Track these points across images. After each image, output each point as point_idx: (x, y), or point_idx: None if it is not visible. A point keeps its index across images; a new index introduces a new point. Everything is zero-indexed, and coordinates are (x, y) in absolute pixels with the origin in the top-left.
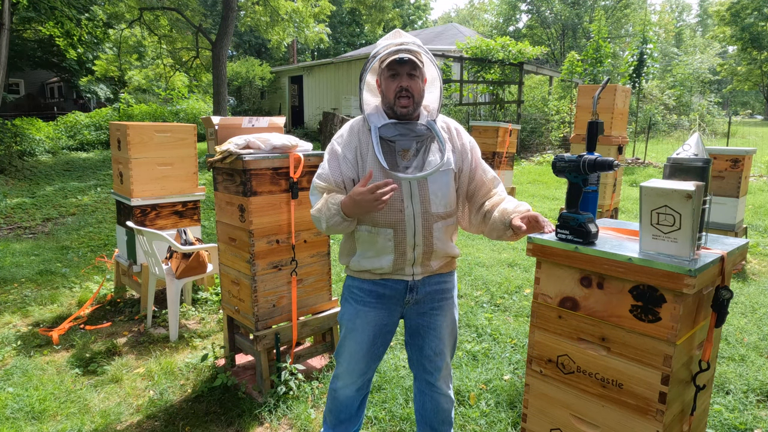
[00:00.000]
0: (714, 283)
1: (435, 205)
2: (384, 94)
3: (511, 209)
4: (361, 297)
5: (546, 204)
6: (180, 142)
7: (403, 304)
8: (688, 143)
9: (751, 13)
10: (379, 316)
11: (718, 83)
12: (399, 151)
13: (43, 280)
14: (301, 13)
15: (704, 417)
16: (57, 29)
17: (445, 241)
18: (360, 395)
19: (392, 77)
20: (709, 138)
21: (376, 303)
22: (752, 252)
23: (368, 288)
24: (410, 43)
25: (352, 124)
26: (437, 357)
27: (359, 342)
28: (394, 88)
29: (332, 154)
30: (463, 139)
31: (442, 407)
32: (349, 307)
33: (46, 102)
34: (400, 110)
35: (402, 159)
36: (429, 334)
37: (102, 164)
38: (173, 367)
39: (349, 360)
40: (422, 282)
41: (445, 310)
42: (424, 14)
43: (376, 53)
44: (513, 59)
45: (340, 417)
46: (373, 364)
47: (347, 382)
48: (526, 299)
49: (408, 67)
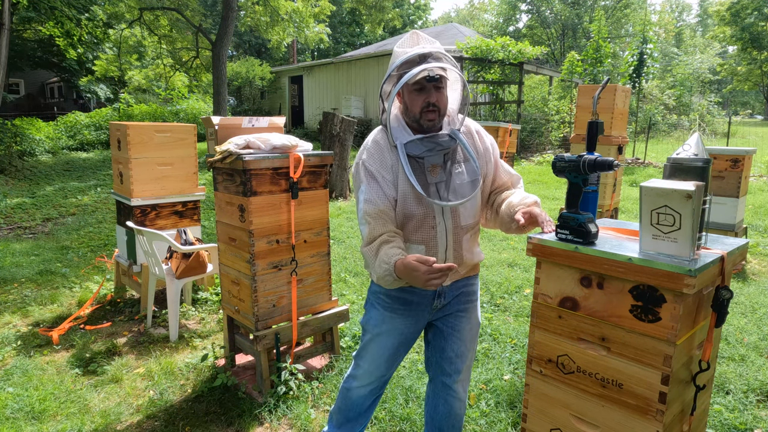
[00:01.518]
0: (714, 283)
1: (464, 218)
2: (408, 107)
3: (516, 202)
4: (389, 303)
5: (546, 204)
6: (180, 142)
7: (431, 309)
8: (688, 143)
9: (751, 13)
10: (406, 323)
11: (718, 83)
12: (428, 168)
13: (43, 280)
14: (301, 13)
15: (704, 417)
16: (57, 29)
17: (472, 250)
18: (372, 396)
19: (418, 91)
20: (709, 138)
21: (403, 310)
22: (752, 252)
23: (396, 295)
24: (435, 54)
25: (377, 140)
26: (458, 359)
27: (384, 347)
28: (421, 103)
29: (370, 178)
30: (485, 141)
31: (455, 412)
32: (375, 312)
33: (46, 102)
34: (427, 124)
35: (431, 175)
36: (452, 336)
37: (102, 164)
38: (173, 367)
39: (370, 363)
40: (450, 287)
41: (470, 312)
42: (424, 14)
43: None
44: (513, 59)
45: (349, 416)
46: (392, 370)
47: (364, 383)
48: (526, 299)
49: (435, 81)
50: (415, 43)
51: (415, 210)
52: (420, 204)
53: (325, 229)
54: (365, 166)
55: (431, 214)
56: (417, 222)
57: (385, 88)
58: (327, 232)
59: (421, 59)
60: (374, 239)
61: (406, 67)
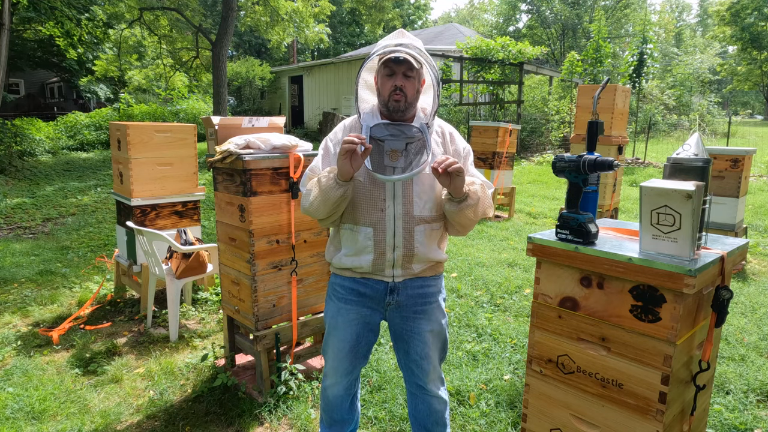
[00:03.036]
0: (714, 283)
1: (418, 208)
2: (380, 91)
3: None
4: (343, 294)
5: (546, 204)
6: (180, 142)
7: (384, 305)
8: (688, 143)
9: (751, 13)
10: (361, 314)
11: (718, 83)
12: (387, 151)
13: (43, 280)
14: (301, 13)
15: (704, 417)
16: (57, 29)
17: (429, 245)
18: (349, 395)
19: (388, 76)
20: (709, 138)
21: (356, 302)
22: (752, 252)
23: (349, 286)
24: (410, 45)
25: (346, 122)
26: (423, 361)
27: (342, 340)
28: (389, 87)
29: (325, 150)
30: (456, 144)
31: (435, 408)
32: (331, 304)
33: (46, 102)
34: (393, 105)
35: (390, 159)
36: (413, 339)
37: (102, 164)
38: (173, 367)
39: (333, 357)
40: (403, 284)
41: (428, 314)
42: (424, 14)
43: (374, 51)
44: (513, 59)
45: (333, 417)
46: (358, 363)
47: (334, 380)
48: (526, 299)
49: (404, 66)
50: (398, 37)
51: (365, 190)
52: (372, 184)
53: (325, 229)
54: (325, 142)
55: (381, 196)
56: (366, 202)
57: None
58: (327, 232)
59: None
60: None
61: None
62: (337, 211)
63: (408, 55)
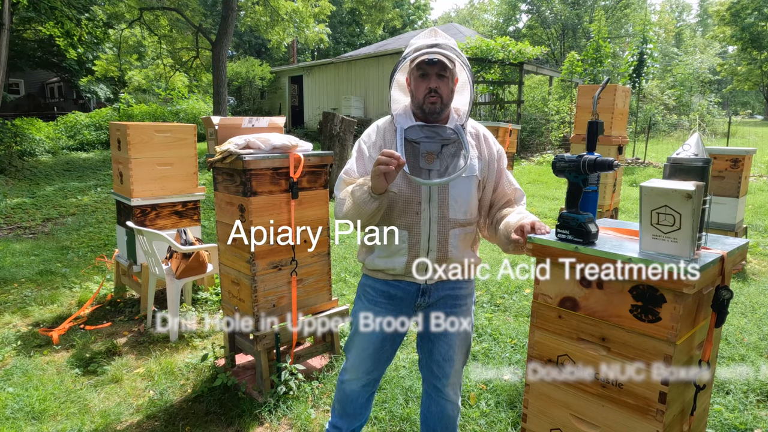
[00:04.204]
0: (714, 283)
1: (453, 211)
2: (413, 93)
3: (513, 222)
4: (373, 296)
5: (546, 204)
6: (180, 142)
7: (414, 307)
8: (688, 143)
9: (751, 13)
10: (388, 318)
11: (718, 83)
12: (423, 154)
13: (43, 280)
14: (301, 13)
15: (704, 417)
16: (57, 29)
17: (463, 248)
18: (366, 392)
19: (422, 77)
20: (709, 138)
21: (386, 304)
22: (752, 252)
23: (380, 288)
24: (443, 45)
25: (379, 124)
26: (446, 363)
27: (368, 341)
28: (424, 89)
29: (359, 153)
30: (491, 147)
31: (447, 413)
32: (360, 305)
33: (46, 102)
34: (429, 107)
35: (426, 162)
36: (439, 340)
37: (102, 164)
38: (173, 367)
39: (356, 356)
40: (435, 287)
41: (458, 316)
42: (424, 14)
43: (407, 53)
44: (513, 59)
45: (346, 410)
46: (380, 365)
47: (353, 376)
48: (526, 299)
49: (437, 67)
50: (431, 36)
51: (402, 193)
52: (408, 187)
53: (325, 229)
54: (358, 144)
55: (416, 199)
56: (402, 205)
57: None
58: (327, 232)
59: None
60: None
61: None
62: (372, 221)
63: (441, 56)
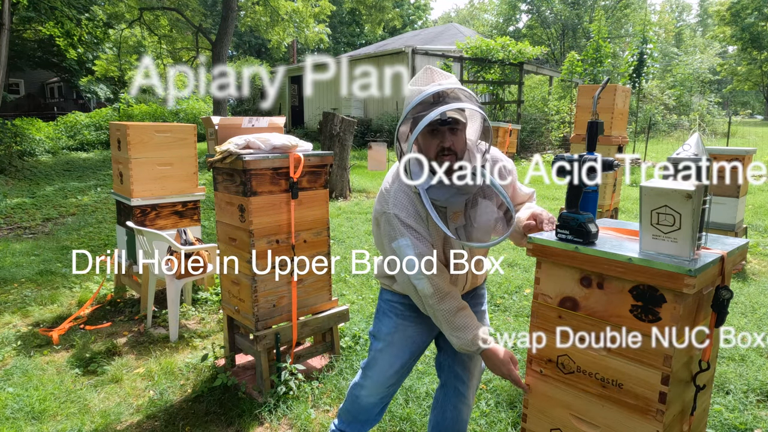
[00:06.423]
0: (714, 283)
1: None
2: (422, 150)
3: (523, 217)
4: (402, 311)
5: (546, 204)
6: (180, 142)
7: None
8: (688, 143)
9: (751, 13)
10: (418, 330)
11: (718, 83)
12: (450, 215)
13: (43, 280)
14: (301, 13)
15: (704, 417)
16: (57, 29)
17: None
18: (382, 403)
19: (431, 133)
20: (709, 138)
21: (416, 317)
22: (752, 252)
23: (410, 303)
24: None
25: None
26: (471, 362)
27: (395, 357)
28: (435, 148)
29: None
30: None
31: (462, 418)
32: (388, 321)
33: (46, 102)
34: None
35: (452, 221)
36: None
37: (102, 164)
38: (173, 367)
39: (379, 374)
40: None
41: (479, 316)
42: (424, 14)
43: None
44: (513, 59)
45: (358, 417)
46: (402, 379)
47: (372, 392)
48: (526, 299)
49: (450, 123)
50: (430, 80)
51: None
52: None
53: (325, 229)
54: (400, 219)
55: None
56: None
57: (401, 130)
58: (327, 232)
59: (435, 99)
60: (445, 294)
61: (421, 108)
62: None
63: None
